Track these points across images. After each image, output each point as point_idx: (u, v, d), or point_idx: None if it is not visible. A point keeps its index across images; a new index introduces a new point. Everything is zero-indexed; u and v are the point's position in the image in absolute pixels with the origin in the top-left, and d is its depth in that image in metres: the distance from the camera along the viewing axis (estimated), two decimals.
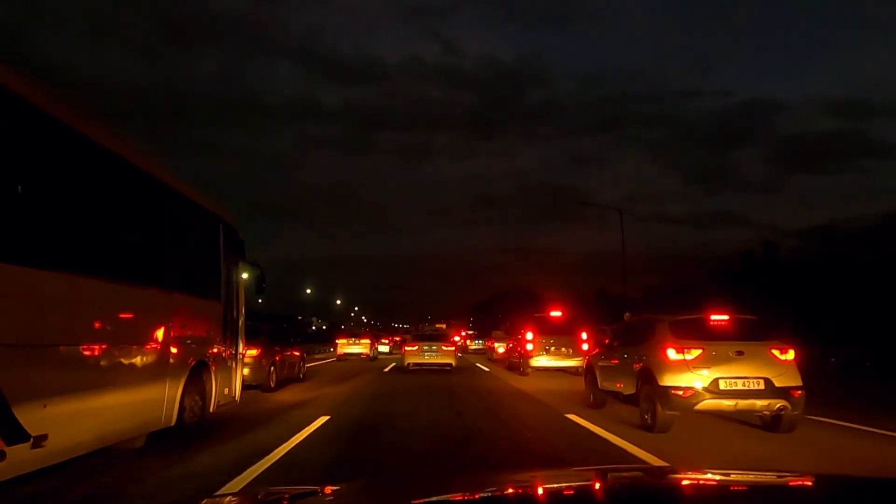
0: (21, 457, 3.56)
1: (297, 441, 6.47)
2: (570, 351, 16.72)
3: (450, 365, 18.78)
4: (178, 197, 6.28)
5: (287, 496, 1.85)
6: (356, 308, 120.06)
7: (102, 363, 4.64)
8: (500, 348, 25.61)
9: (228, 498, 2.16)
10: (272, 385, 12.20)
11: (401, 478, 4.55)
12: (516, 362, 18.29)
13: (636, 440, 6.56)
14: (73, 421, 4.17)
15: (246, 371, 10.84)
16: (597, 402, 9.49)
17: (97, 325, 4.65)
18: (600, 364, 9.46)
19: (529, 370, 16.84)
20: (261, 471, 5.10)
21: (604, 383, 9.21)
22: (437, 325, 28.52)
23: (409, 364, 18.87)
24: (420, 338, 20.00)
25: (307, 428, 7.25)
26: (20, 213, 3.80)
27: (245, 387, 10.70)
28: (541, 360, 16.73)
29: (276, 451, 5.89)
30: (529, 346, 16.85)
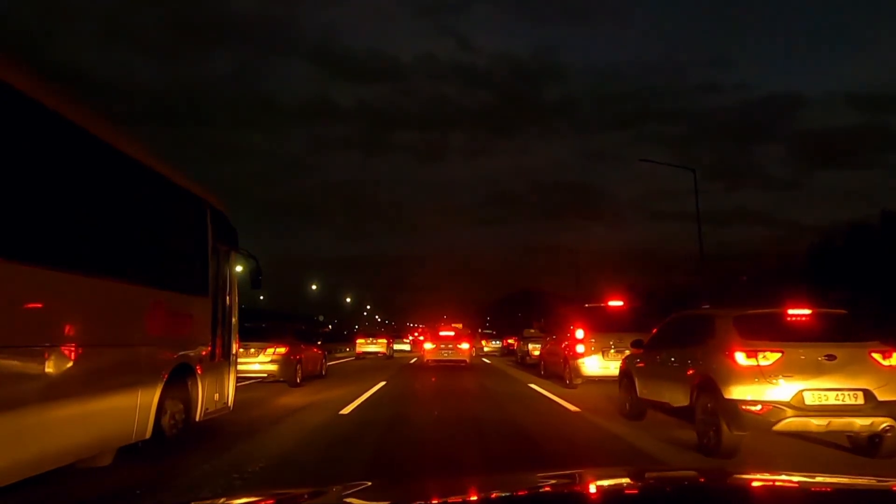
0: None
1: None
2: None
3: (464, 361, 20.76)
4: (153, 176, 5.48)
5: (291, 497, 1.83)
6: (368, 307, 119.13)
7: (49, 369, 3.86)
8: (536, 351, 21.15)
9: (222, 500, 2.18)
10: (298, 380, 12.85)
11: (408, 478, 4.47)
12: (559, 369, 13.89)
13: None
14: (7, 439, 3.40)
15: (275, 367, 12.30)
16: (633, 412, 8.09)
17: (49, 324, 3.89)
18: (639, 368, 8.06)
19: (579, 380, 12.47)
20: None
21: (644, 391, 7.78)
22: (454, 325, 28.56)
23: (428, 360, 21.12)
24: (438, 338, 22.03)
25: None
26: None
27: (273, 381, 12.40)
28: (595, 367, 12.31)
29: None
30: (580, 348, 12.52)
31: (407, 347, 37.25)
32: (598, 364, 12.27)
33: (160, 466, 5.05)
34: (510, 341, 35.70)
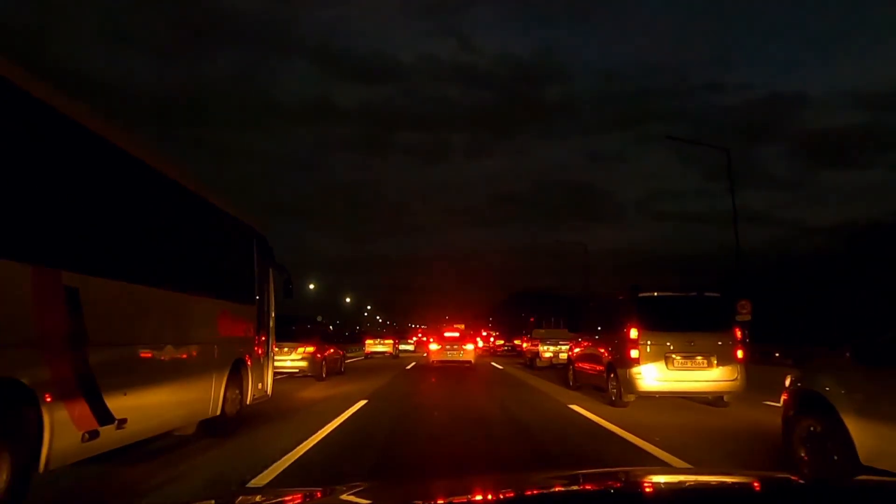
0: (108, 436, 4.35)
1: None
2: (714, 360, 9.16)
3: (469, 362, 21.53)
4: (224, 216, 7.27)
5: (309, 494, 1.99)
6: (368, 307, 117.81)
7: (167, 361, 5.50)
8: (547, 353, 20.78)
9: (259, 497, 2.22)
10: (323, 375, 14.82)
11: (411, 478, 4.82)
12: (598, 380, 10.72)
13: None
14: (144, 408, 4.99)
15: (305, 363, 14.34)
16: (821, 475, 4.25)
17: (164, 329, 5.52)
18: (867, 401, 4.07)
19: (631, 397, 9.42)
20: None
21: (882, 453, 3.88)
22: (456, 326, 29.70)
23: (433, 361, 21.81)
24: (443, 339, 23.07)
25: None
26: (119, 240, 4.81)
27: (303, 376, 14.46)
28: (654, 379, 9.15)
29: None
30: (634, 353, 9.26)
31: (411, 348, 39.48)
32: (659, 375, 9.16)
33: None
34: (517, 343, 34.63)
